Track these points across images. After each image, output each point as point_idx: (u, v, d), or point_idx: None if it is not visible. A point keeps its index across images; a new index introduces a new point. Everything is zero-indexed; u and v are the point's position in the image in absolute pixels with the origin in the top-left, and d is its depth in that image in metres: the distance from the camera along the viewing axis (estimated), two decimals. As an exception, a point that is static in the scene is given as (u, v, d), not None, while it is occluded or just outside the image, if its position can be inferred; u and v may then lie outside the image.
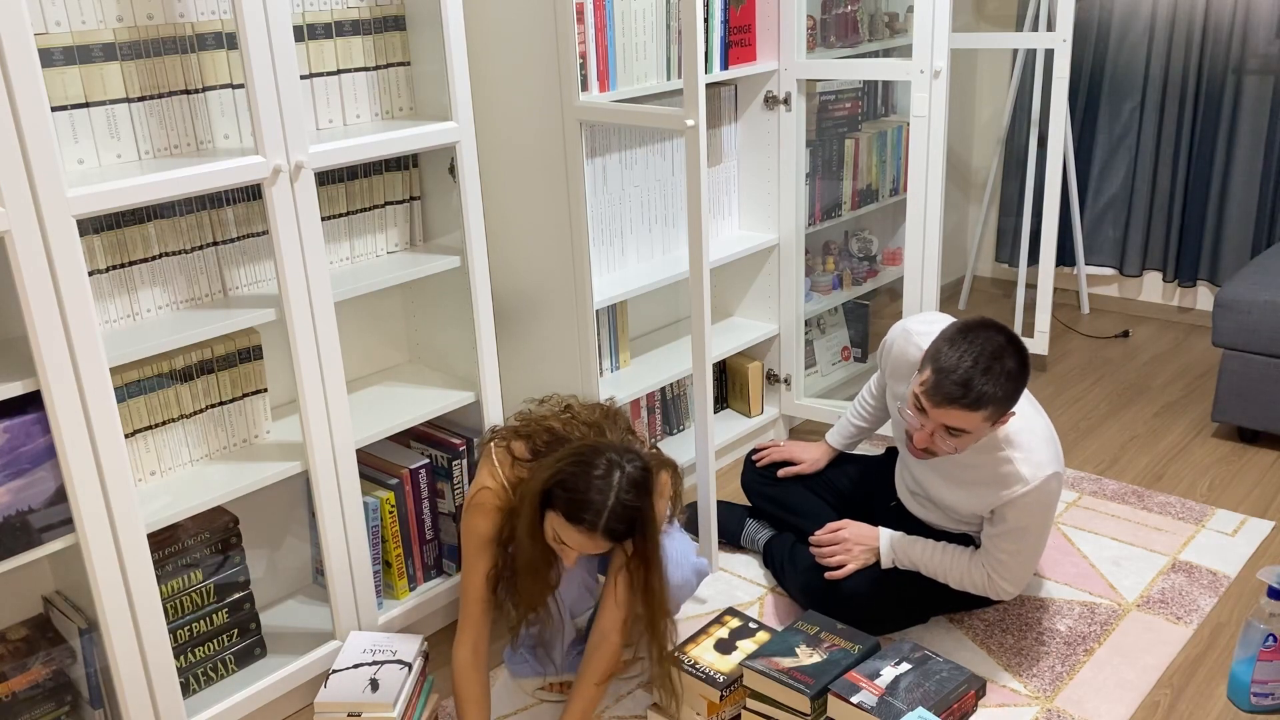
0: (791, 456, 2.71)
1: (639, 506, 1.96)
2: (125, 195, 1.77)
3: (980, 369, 2.04)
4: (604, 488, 1.92)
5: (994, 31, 4.34)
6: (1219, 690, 2.24)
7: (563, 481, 1.95)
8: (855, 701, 2.03)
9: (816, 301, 3.41)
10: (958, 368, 2.04)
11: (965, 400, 2.04)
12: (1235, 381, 3.16)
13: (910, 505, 2.51)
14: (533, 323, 2.68)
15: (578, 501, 1.93)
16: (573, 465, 1.96)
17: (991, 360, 2.05)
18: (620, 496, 1.93)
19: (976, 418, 2.07)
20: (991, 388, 2.04)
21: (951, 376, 2.04)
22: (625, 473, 1.95)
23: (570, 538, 1.96)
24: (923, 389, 2.09)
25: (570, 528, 1.94)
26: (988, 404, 2.05)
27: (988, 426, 2.11)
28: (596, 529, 1.92)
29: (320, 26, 2.16)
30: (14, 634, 1.99)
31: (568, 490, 1.94)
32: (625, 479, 1.94)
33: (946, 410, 2.07)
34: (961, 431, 2.10)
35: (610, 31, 2.59)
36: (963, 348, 2.06)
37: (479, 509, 2.08)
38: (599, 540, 1.95)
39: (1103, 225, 4.31)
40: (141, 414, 2.02)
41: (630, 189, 2.84)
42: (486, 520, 2.08)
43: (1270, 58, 3.82)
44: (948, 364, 2.05)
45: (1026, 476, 2.18)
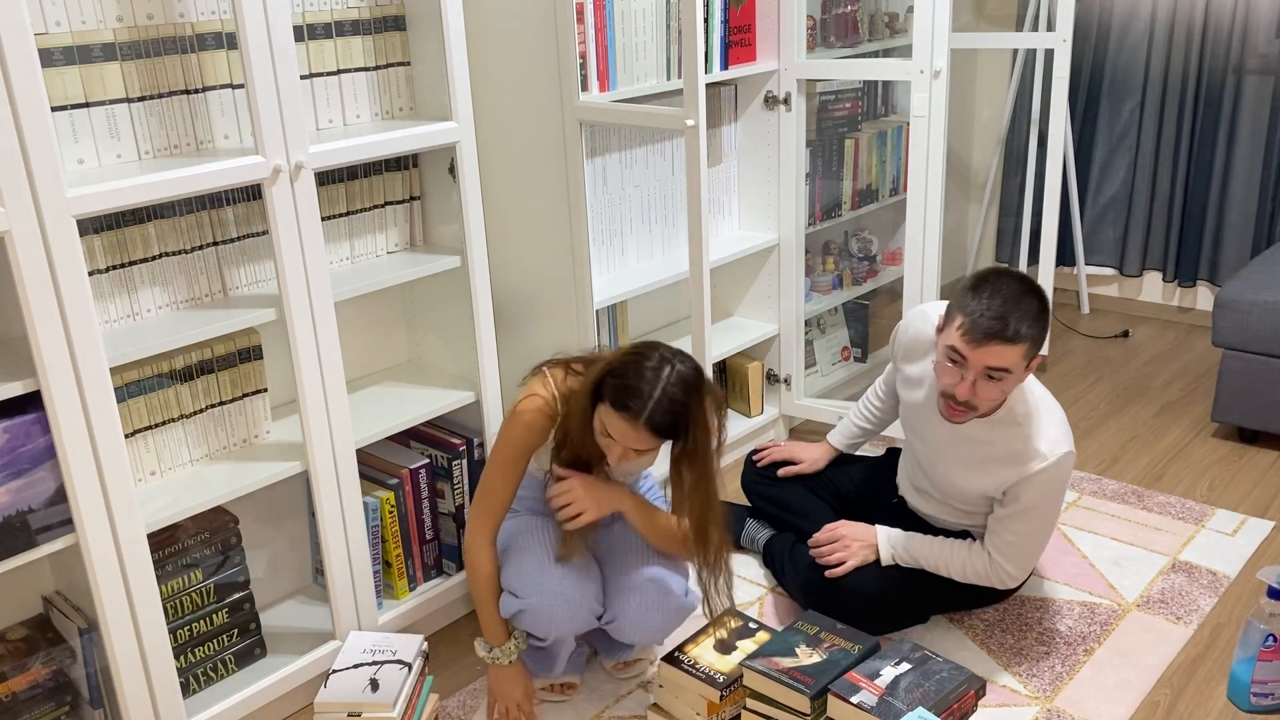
0: (792, 456, 2.71)
1: (685, 402, 1.96)
2: (125, 195, 1.77)
3: (1011, 305, 2.08)
4: (652, 378, 1.95)
5: (994, 31, 4.35)
6: (1219, 690, 2.24)
7: (614, 370, 1.98)
8: (855, 701, 2.03)
9: (816, 301, 3.41)
10: (990, 306, 2.08)
11: (1005, 334, 2.06)
12: (1235, 381, 3.16)
13: (914, 501, 2.51)
14: (533, 323, 2.68)
15: (625, 388, 1.95)
16: (626, 356, 2.00)
17: (1019, 298, 2.09)
18: (667, 389, 1.94)
19: (1016, 353, 2.08)
20: (1026, 324, 2.08)
21: (987, 314, 2.07)
22: (675, 369, 1.97)
23: (615, 427, 1.97)
24: (960, 332, 2.10)
25: (615, 416, 1.95)
26: (1025, 339, 2.08)
27: (1023, 368, 2.13)
28: (640, 418, 1.93)
29: (320, 26, 2.16)
30: (14, 634, 1.99)
31: (617, 377, 1.96)
32: (675, 374, 1.96)
33: (988, 348, 2.08)
34: (1002, 372, 2.10)
35: (610, 31, 2.59)
36: (987, 291, 2.10)
37: (524, 415, 2.08)
38: (642, 432, 1.95)
39: (1103, 225, 4.32)
40: (141, 414, 2.02)
41: (630, 189, 2.84)
42: (531, 428, 2.08)
43: (1270, 58, 3.82)
44: (979, 306, 2.09)
45: (1045, 452, 2.20)
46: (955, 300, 2.16)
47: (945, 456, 2.35)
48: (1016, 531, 2.28)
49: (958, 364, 2.13)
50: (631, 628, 2.18)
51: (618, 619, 2.17)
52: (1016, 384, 2.18)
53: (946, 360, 2.15)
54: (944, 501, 2.43)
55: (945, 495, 2.41)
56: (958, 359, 2.13)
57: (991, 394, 2.14)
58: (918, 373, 2.39)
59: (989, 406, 2.18)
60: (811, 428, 3.44)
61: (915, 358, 2.41)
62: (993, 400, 2.16)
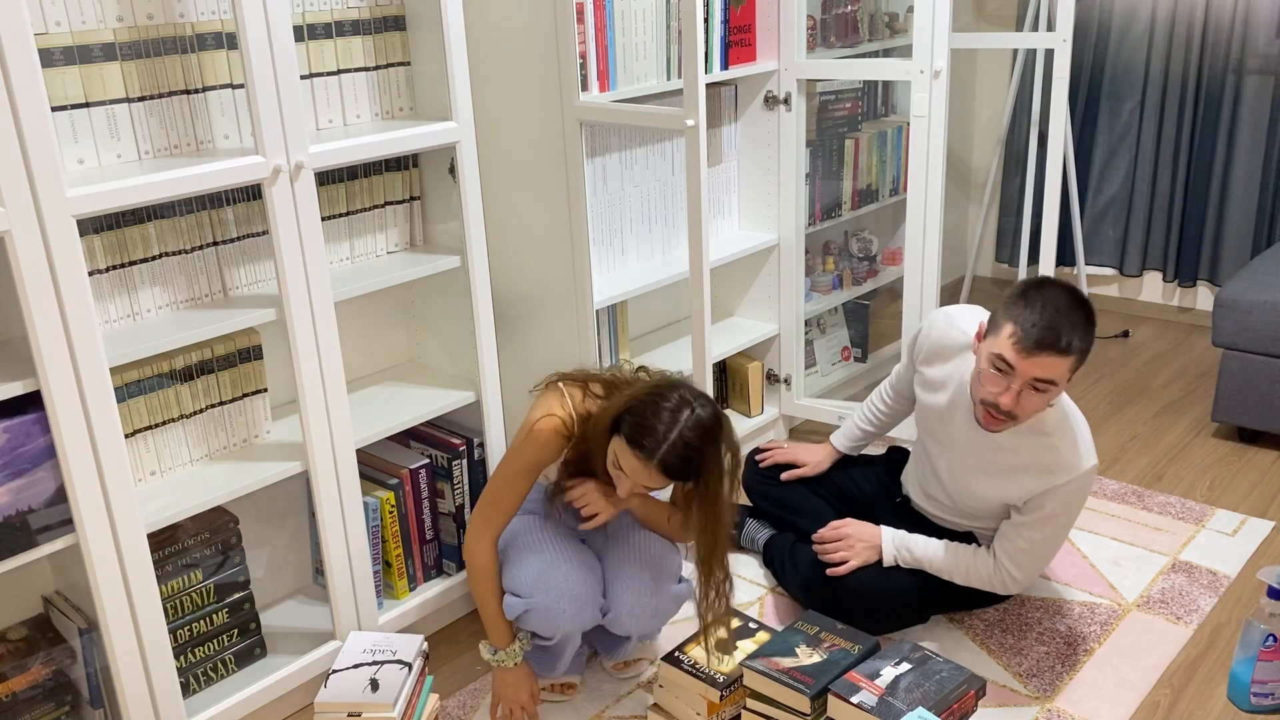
0: (795, 459, 2.70)
1: (700, 448, 1.96)
2: (125, 195, 1.77)
3: (1063, 317, 2.06)
4: (670, 420, 1.94)
5: (994, 31, 4.34)
6: (1219, 690, 2.24)
7: (633, 408, 1.98)
8: (855, 701, 2.03)
9: (816, 301, 3.41)
10: (1042, 317, 2.05)
11: (1058, 346, 2.05)
12: (1235, 381, 3.16)
13: (921, 502, 2.51)
14: (533, 323, 2.68)
15: (642, 426, 1.95)
16: (647, 393, 1.99)
17: (1070, 311, 2.07)
18: (684, 433, 1.94)
19: (1065, 365, 2.07)
20: (1077, 337, 2.07)
21: (1040, 324, 2.05)
22: (695, 412, 1.96)
23: (628, 463, 1.97)
24: (1012, 341, 2.07)
25: (629, 452, 1.96)
26: (1076, 351, 2.07)
27: (1066, 380, 2.11)
28: (653, 459, 1.93)
29: (320, 26, 2.16)
30: (14, 634, 1.99)
31: (635, 415, 1.97)
32: (693, 418, 1.95)
33: (1038, 359, 2.05)
34: (1048, 385, 2.09)
35: (610, 31, 2.59)
36: (1039, 301, 2.08)
37: (541, 434, 2.07)
38: (654, 472, 1.95)
39: (1103, 225, 4.32)
40: (141, 414, 2.02)
41: (630, 189, 2.84)
42: (546, 448, 2.09)
43: (1270, 58, 3.82)
44: (1031, 316, 2.06)
45: (1072, 464, 2.20)
46: (1003, 309, 2.12)
47: (967, 463, 2.34)
48: (1030, 539, 2.27)
49: (1004, 373, 2.10)
50: (628, 616, 2.19)
51: (614, 608, 2.19)
52: (1058, 396, 2.17)
53: (991, 368, 2.12)
54: (954, 506, 2.43)
55: (959, 501, 2.40)
56: (1004, 368, 2.09)
57: (1035, 405, 2.12)
58: (940, 376, 2.38)
59: (1030, 415, 2.16)
60: (811, 428, 3.44)
61: (938, 361, 2.40)
62: (1035, 411, 2.15)
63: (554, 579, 2.12)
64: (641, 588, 2.18)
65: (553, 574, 2.12)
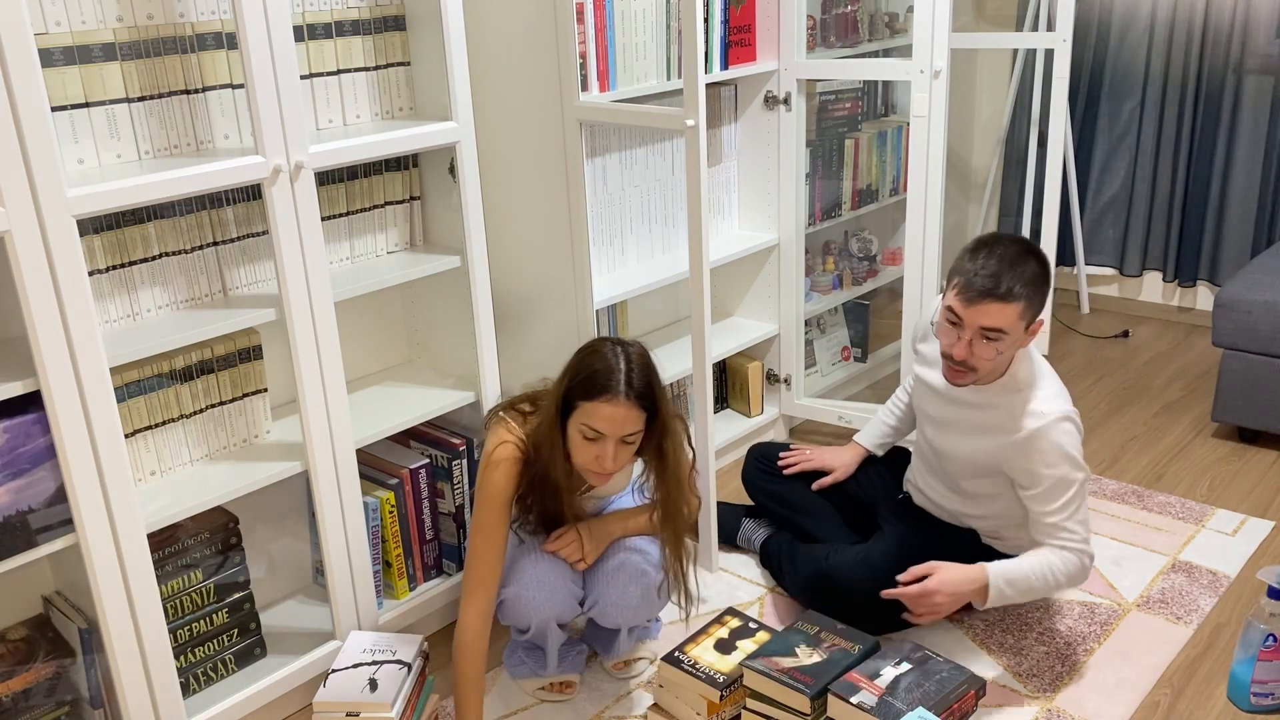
0: (823, 465, 2.66)
1: (650, 366, 2.04)
2: (125, 195, 1.77)
3: (1006, 266, 2.12)
4: (613, 357, 2.01)
5: (994, 31, 4.34)
6: (1219, 690, 2.24)
7: (574, 374, 2.03)
8: (855, 701, 2.03)
9: (816, 301, 3.41)
10: (985, 267, 2.12)
11: (998, 292, 2.10)
12: (1235, 381, 3.16)
13: (922, 493, 2.52)
14: (533, 323, 2.68)
15: (593, 377, 1.99)
16: (577, 358, 2.06)
17: (1016, 260, 2.13)
18: (631, 360, 2.01)
19: (1010, 313, 2.12)
20: (1020, 285, 2.11)
21: (981, 274, 2.12)
22: (625, 345, 2.04)
23: (601, 417, 1.98)
24: (955, 292, 2.15)
25: (597, 405, 1.98)
26: (1019, 298, 2.12)
27: (1021, 329, 2.15)
28: (620, 391, 1.97)
29: (320, 26, 2.16)
30: (14, 634, 1.99)
31: (581, 378, 2.01)
32: (626, 348, 2.04)
33: (981, 306, 2.12)
34: (998, 332, 2.13)
35: (610, 31, 2.59)
36: (984, 253, 2.15)
37: (500, 463, 2.08)
38: (630, 406, 1.98)
39: (1103, 225, 4.32)
40: (141, 414, 2.02)
41: (630, 189, 2.84)
42: (509, 474, 2.08)
43: (1270, 58, 3.82)
44: (974, 266, 2.14)
45: (1044, 411, 2.21)
46: (955, 264, 2.20)
47: (953, 428, 2.36)
48: (1055, 509, 2.21)
49: (955, 325, 2.18)
50: (613, 608, 2.21)
51: (598, 601, 2.21)
52: (1015, 347, 2.20)
53: (946, 321, 2.20)
54: (951, 488, 2.43)
55: (953, 475, 2.40)
56: (955, 319, 2.17)
57: (987, 354, 2.17)
58: (933, 351, 2.41)
59: (987, 368, 2.20)
60: (812, 428, 3.44)
61: (931, 337, 2.43)
62: (989, 361, 2.18)
63: (523, 566, 2.17)
64: (625, 579, 2.21)
65: (522, 561, 2.18)
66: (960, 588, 2.21)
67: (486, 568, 2.08)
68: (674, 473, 2.13)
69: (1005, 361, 2.23)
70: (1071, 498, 2.23)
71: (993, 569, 2.22)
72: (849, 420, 3.23)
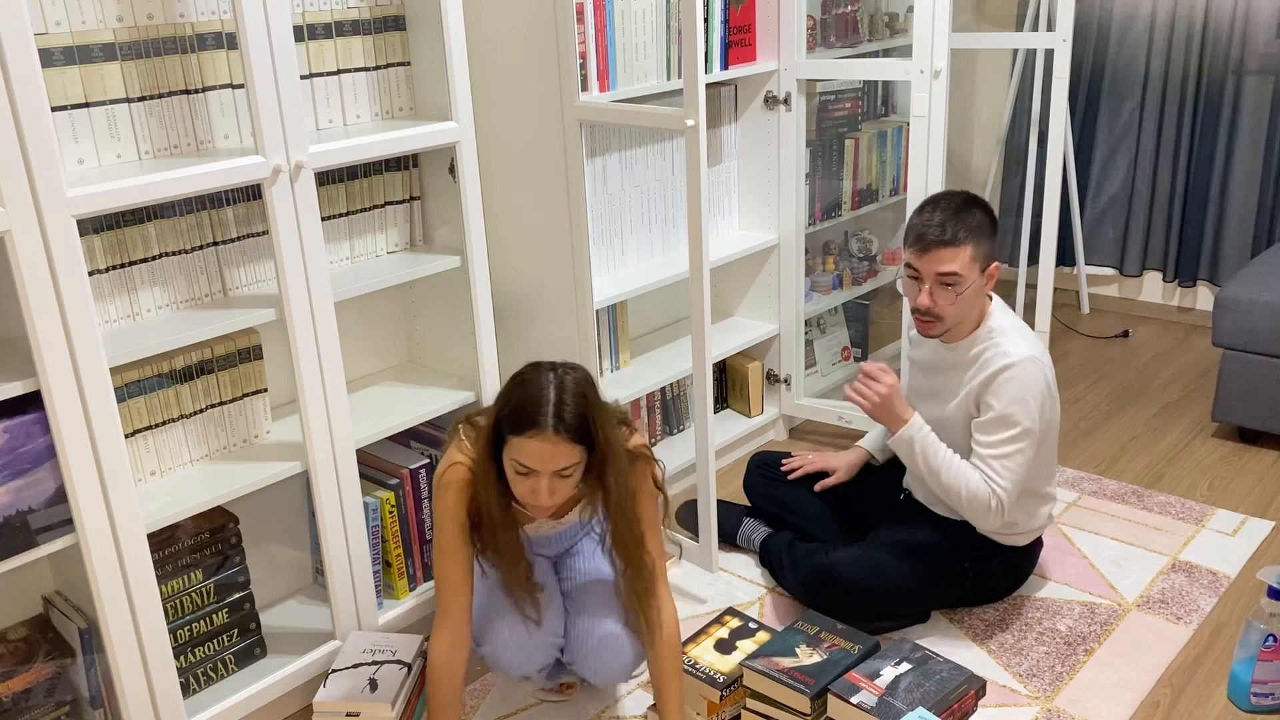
0: (826, 467, 2.69)
1: (586, 396, 1.87)
2: (125, 195, 1.77)
3: (951, 215, 2.26)
4: (544, 385, 1.85)
5: (994, 31, 4.34)
6: (1219, 690, 2.24)
7: (503, 405, 1.88)
8: (855, 701, 2.03)
9: (816, 301, 3.41)
10: (932, 219, 2.27)
11: (945, 237, 2.24)
12: (1235, 381, 3.16)
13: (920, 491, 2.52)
14: (533, 323, 2.68)
15: (522, 406, 1.84)
16: (507, 387, 1.91)
17: (960, 209, 2.27)
18: (563, 386, 1.85)
19: (962, 256, 2.25)
20: (965, 231, 2.25)
21: (930, 224, 2.26)
22: (558, 369, 1.89)
23: (529, 453, 1.83)
24: (909, 249, 2.30)
25: (525, 440, 1.83)
26: (967, 241, 2.25)
27: (976, 272, 2.28)
28: (547, 426, 1.81)
29: (320, 26, 2.16)
30: (14, 634, 1.99)
31: (508, 408, 1.86)
32: (560, 373, 1.88)
33: (934, 254, 2.25)
34: (954, 275, 2.25)
35: (610, 31, 2.59)
36: (929, 208, 2.29)
37: (449, 485, 1.97)
38: (559, 442, 1.82)
39: (1103, 225, 4.32)
40: (141, 414, 2.02)
41: (630, 189, 2.84)
42: (457, 499, 1.97)
43: (1270, 58, 3.82)
44: (921, 220, 2.28)
45: (1010, 352, 2.29)
46: (907, 224, 2.34)
47: (934, 396, 2.42)
48: (991, 442, 2.28)
49: (915, 278, 2.31)
50: (592, 672, 2.13)
51: (578, 662, 2.14)
52: (974, 291, 2.29)
53: (907, 277, 2.33)
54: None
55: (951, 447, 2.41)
56: (914, 273, 2.30)
57: (948, 299, 2.27)
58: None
59: (951, 314, 2.29)
60: (812, 428, 3.44)
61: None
62: (951, 306, 2.28)
63: (497, 627, 2.08)
64: (608, 649, 2.10)
65: (496, 622, 2.09)
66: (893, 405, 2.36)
67: (450, 592, 1.99)
68: (617, 504, 1.97)
69: (970, 308, 2.32)
70: (1008, 439, 2.28)
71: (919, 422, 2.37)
72: (849, 420, 3.23)
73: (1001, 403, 2.27)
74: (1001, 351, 2.30)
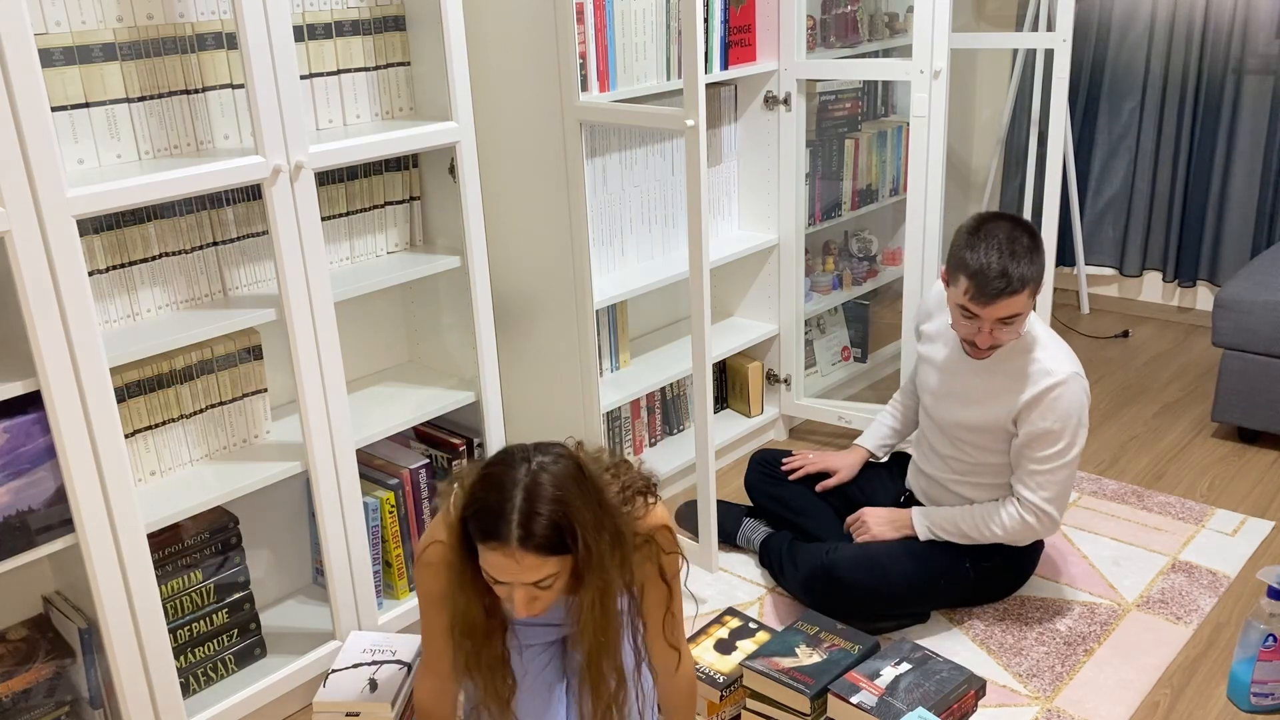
0: (827, 467, 2.69)
1: (564, 499, 1.54)
2: (125, 195, 1.77)
3: (1008, 255, 2.16)
4: (509, 486, 1.55)
5: (994, 31, 4.34)
6: (1219, 690, 2.24)
7: (467, 503, 1.58)
8: (855, 701, 2.03)
9: (816, 301, 3.41)
10: (990, 264, 2.16)
11: (1010, 289, 2.16)
12: (1235, 381, 3.16)
13: (922, 488, 2.53)
14: (533, 323, 2.68)
15: (484, 511, 1.55)
16: (475, 481, 1.60)
17: (1012, 244, 2.18)
18: (533, 492, 1.54)
19: (1023, 299, 2.19)
20: (1025, 269, 2.17)
21: (989, 273, 2.16)
22: (533, 464, 1.57)
23: (494, 567, 1.56)
24: (968, 297, 2.20)
25: (488, 552, 1.56)
26: (1028, 283, 2.19)
27: (1032, 304, 2.24)
28: (510, 539, 1.52)
29: (320, 26, 2.16)
30: (14, 634, 1.99)
31: (471, 506, 1.57)
32: (535, 471, 1.56)
33: (997, 304, 2.18)
34: (1015, 317, 2.21)
35: (610, 31, 2.59)
36: (982, 246, 2.18)
37: (427, 567, 1.72)
38: (521, 556, 1.53)
39: (1103, 225, 4.32)
40: (141, 414, 2.02)
41: (630, 189, 2.84)
42: (438, 579, 1.71)
43: (1270, 58, 3.82)
44: (978, 265, 2.17)
45: (1053, 370, 2.27)
46: (954, 258, 2.23)
47: (962, 398, 2.39)
48: (1038, 458, 2.30)
49: (972, 319, 2.24)
50: None
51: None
52: (1027, 316, 2.27)
53: (961, 317, 2.25)
54: (956, 470, 2.44)
55: (960, 450, 2.42)
56: (970, 314, 2.23)
57: (1009, 335, 2.25)
58: (936, 329, 2.48)
59: (1010, 341, 2.28)
60: (811, 428, 3.44)
61: (938, 314, 2.48)
62: (1013, 337, 2.27)
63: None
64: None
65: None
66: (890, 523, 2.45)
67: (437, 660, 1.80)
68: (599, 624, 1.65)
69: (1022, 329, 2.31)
70: (1056, 454, 2.29)
71: (919, 513, 2.44)
72: (849, 420, 3.23)
73: (1049, 421, 2.26)
74: (1045, 369, 2.27)
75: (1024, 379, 2.29)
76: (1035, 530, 2.35)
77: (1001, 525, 2.35)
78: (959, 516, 2.40)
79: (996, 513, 2.36)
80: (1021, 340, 2.31)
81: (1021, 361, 2.31)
